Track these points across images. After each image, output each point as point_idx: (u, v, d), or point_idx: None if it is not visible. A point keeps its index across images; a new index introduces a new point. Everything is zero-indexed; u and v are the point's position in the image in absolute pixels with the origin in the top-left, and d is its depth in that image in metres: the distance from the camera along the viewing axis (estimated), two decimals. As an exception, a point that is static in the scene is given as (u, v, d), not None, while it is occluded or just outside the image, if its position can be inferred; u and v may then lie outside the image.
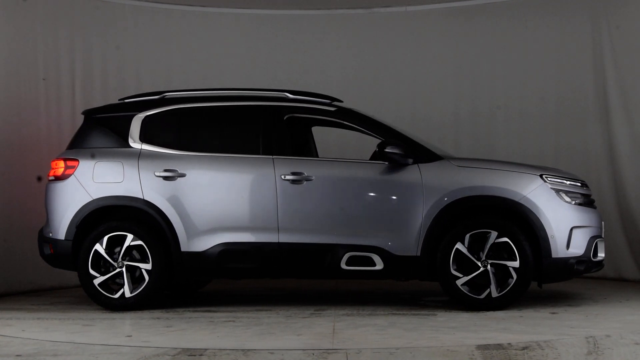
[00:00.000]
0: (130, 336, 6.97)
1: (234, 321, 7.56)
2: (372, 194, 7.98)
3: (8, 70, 9.68)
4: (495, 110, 10.83)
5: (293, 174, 8.02)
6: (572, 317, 7.54)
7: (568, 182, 8.00)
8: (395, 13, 11.21)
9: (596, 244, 8.00)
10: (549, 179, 7.91)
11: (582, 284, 9.45)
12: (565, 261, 7.81)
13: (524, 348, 6.18)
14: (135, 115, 8.45)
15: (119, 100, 8.77)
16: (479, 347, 6.24)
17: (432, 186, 7.86)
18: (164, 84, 10.71)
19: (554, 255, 7.77)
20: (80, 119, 10.08)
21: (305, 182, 8.01)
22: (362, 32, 11.33)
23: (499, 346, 6.26)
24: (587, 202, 8.06)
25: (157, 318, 7.82)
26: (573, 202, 7.91)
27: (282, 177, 8.02)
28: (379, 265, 7.93)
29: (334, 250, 7.94)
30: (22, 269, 9.69)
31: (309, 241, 7.99)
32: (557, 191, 7.88)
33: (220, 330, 7.11)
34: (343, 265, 7.96)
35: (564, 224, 7.81)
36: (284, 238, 8.01)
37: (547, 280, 7.97)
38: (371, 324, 7.29)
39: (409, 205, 7.87)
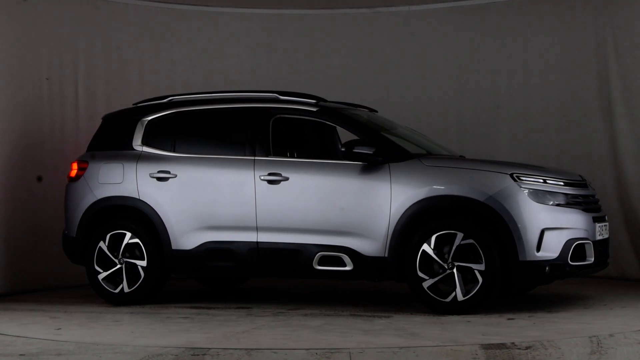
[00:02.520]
0: (60, 329, 7.41)
1: (186, 317, 7.83)
2: (343, 194, 7.94)
3: (11, 70, 9.68)
4: (497, 109, 10.83)
5: (270, 174, 8.14)
6: (576, 317, 7.54)
7: (545, 182, 7.68)
8: (398, 12, 11.20)
9: (580, 247, 7.65)
10: (520, 178, 7.61)
11: (584, 284, 9.44)
12: (535, 264, 7.49)
13: (527, 347, 6.19)
14: (140, 119, 8.82)
15: (133, 104, 9.14)
16: (482, 346, 6.25)
17: (400, 186, 7.77)
18: (166, 84, 10.76)
19: (521, 258, 7.46)
20: (83, 119, 10.27)
21: (281, 183, 8.11)
22: (365, 31, 11.33)
23: (502, 345, 6.27)
24: (572, 202, 7.73)
25: (131, 313, 8.19)
26: (550, 203, 7.60)
27: (261, 177, 8.15)
28: (349, 266, 7.92)
29: (306, 250, 8.01)
30: (25, 269, 9.69)
31: (284, 241, 8.10)
32: (531, 191, 7.56)
33: (146, 327, 7.42)
34: (315, 265, 8.00)
35: (534, 226, 7.49)
36: (262, 238, 8.17)
37: (518, 284, 7.80)
38: (303, 324, 7.34)
39: (378, 206, 7.80)
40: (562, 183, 7.79)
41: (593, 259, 7.75)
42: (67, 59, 10.18)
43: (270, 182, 8.13)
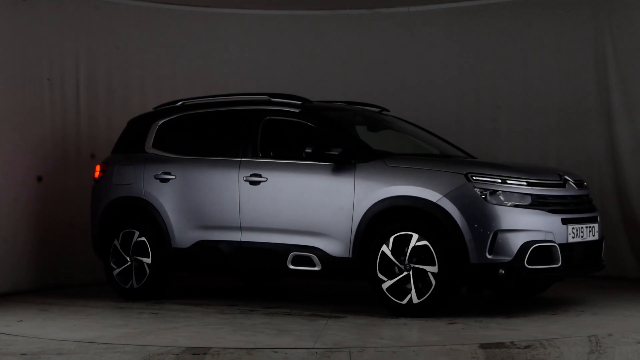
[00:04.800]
0: (21, 321, 7.88)
1: (155, 313, 8.15)
2: (313, 195, 8.02)
3: (12, 70, 9.69)
4: (497, 110, 10.86)
5: (252, 175, 8.32)
6: (575, 317, 7.56)
7: (503, 182, 7.45)
8: (398, 13, 11.23)
9: (543, 249, 7.38)
10: (474, 178, 7.45)
11: (583, 284, 9.45)
12: (487, 267, 7.31)
13: (526, 347, 6.21)
14: (153, 122, 9.19)
15: (153, 108, 9.48)
16: (481, 345, 6.28)
17: (363, 186, 7.78)
18: (167, 85, 10.83)
19: (473, 260, 7.30)
20: (84, 119, 10.29)
21: (261, 183, 8.28)
22: (365, 32, 11.36)
23: (501, 345, 6.29)
24: (537, 203, 7.47)
25: (114, 307, 8.60)
26: (509, 204, 7.37)
27: (244, 178, 8.34)
28: (318, 266, 8.00)
29: (281, 250, 8.14)
30: (25, 268, 9.72)
31: (262, 240, 8.28)
32: (485, 191, 7.38)
33: (97, 321, 7.80)
34: (289, 265, 8.12)
35: (486, 228, 7.28)
36: (245, 237, 8.37)
37: (472, 287, 7.65)
38: (241, 322, 7.53)
39: (343, 206, 7.84)
40: (524, 183, 7.54)
41: (560, 263, 7.50)
42: (68, 59, 10.20)
43: (251, 182, 8.33)
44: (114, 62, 10.59)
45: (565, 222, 7.59)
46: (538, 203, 7.52)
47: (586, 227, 7.80)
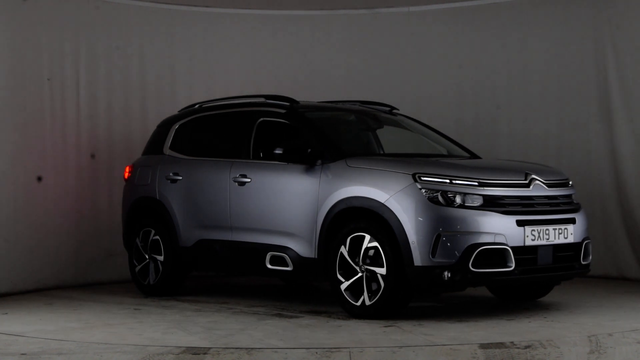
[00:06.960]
0: (7, 313, 8.19)
1: (139, 310, 8.34)
2: (286, 195, 8.08)
3: (13, 70, 9.69)
4: (497, 110, 10.86)
5: (240, 175, 8.47)
6: (575, 317, 7.56)
7: (451, 182, 7.27)
8: (397, 13, 11.23)
9: (492, 252, 7.16)
10: (421, 178, 7.30)
11: (583, 284, 9.45)
12: (431, 270, 7.16)
13: (526, 347, 6.21)
14: (173, 125, 9.50)
15: (178, 111, 9.68)
16: (481, 345, 6.28)
17: (326, 187, 7.78)
18: (167, 85, 10.82)
19: (416, 263, 7.17)
20: (84, 119, 10.27)
21: (246, 184, 8.41)
22: (364, 32, 11.36)
23: (501, 345, 6.29)
24: (490, 204, 7.26)
25: (120, 303, 8.83)
26: (456, 205, 7.18)
27: (233, 179, 8.48)
28: (290, 266, 8.05)
29: (262, 250, 8.24)
30: (26, 268, 9.72)
31: (246, 240, 8.41)
32: (431, 192, 7.23)
33: (64, 315, 8.11)
34: (268, 265, 8.21)
35: (428, 229, 7.14)
36: (235, 237, 8.52)
37: (419, 290, 7.47)
38: (193, 321, 7.60)
39: (309, 207, 7.87)
40: (476, 183, 7.32)
41: (514, 266, 7.25)
42: (68, 59, 10.19)
43: (239, 183, 8.46)
44: (114, 62, 10.58)
45: (521, 223, 7.34)
46: (491, 204, 7.32)
47: (554, 229, 7.51)
